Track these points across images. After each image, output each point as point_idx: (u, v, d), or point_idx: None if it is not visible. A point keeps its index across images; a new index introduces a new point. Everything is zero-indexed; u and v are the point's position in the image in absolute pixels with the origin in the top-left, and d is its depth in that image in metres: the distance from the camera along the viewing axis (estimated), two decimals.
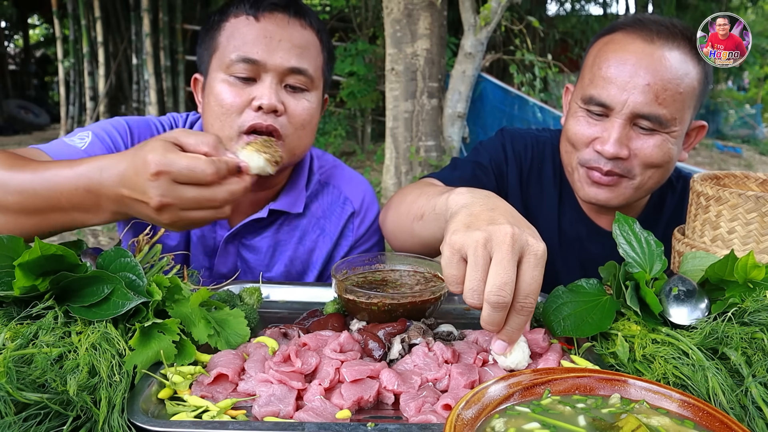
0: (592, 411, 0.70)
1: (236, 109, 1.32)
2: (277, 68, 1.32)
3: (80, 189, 1.02)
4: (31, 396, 0.73)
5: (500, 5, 5.55)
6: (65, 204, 1.03)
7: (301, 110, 1.36)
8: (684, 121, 1.36)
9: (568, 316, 1.00)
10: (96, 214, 1.05)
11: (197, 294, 0.96)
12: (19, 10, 14.72)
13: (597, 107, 1.36)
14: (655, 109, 1.30)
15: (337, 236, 1.58)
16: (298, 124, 1.36)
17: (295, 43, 1.34)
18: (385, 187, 6.31)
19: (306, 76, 1.36)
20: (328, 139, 8.34)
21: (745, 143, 12.89)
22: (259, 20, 1.33)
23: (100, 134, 1.41)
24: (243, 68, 1.32)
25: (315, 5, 10.61)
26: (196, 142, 1.02)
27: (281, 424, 0.75)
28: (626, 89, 1.31)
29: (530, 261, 0.86)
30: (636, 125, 1.34)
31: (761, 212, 1.11)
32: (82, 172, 1.02)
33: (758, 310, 0.91)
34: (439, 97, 6.09)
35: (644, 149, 1.34)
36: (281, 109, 1.32)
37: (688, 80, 1.32)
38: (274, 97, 1.31)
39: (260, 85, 1.32)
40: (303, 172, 1.56)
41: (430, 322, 1.07)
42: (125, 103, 11.02)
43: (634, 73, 1.31)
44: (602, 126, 1.36)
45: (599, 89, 1.35)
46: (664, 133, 1.34)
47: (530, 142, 1.63)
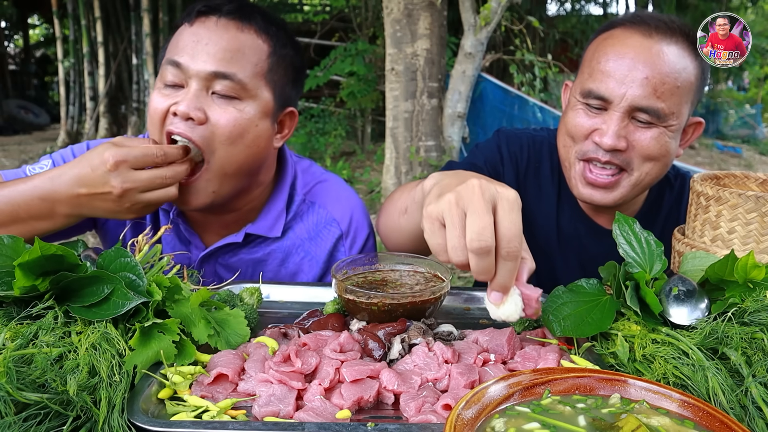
0: (592, 411, 0.70)
1: (160, 116, 1.25)
2: (199, 72, 1.23)
3: (35, 199, 1.17)
4: (31, 396, 0.73)
5: (500, 5, 5.55)
6: (23, 215, 1.18)
7: (227, 121, 1.24)
8: (681, 116, 1.36)
9: (568, 316, 1.00)
10: (51, 220, 1.20)
11: (197, 294, 0.96)
12: (19, 10, 14.72)
13: (596, 100, 1.36)
14: (653, 102, 1.31)
15: (326, 259, 1.51)
16: (224, 136, 1.25)
17: (223, 46, 1.25)
18: (385, 187, 6.31)
19: (235, 82, 1.25)
20: (328, 139, 8.34)
21: (745, 143, 12.89)
22: (192, 25, 1.28)
23: (58, 162, 1.45)
24: (170, 73, 1.26)
25: (315, 5, 10.61)
26: (139, 141, 1.22)
27: (281, 424, 0.75)
28: (624, 83, 1.32)
29: (504, 207, 0.86)
30: (634, 118, 1.34)
31: (761, 212, 1.11)
32: (36, 184, 1.18)
33: (758, 310, 0.91)
34: (439, 97, 6.09)
35: (642, 141, 1.35)
36: (199, 117, 1.23)
37: (686, 75, 1.33)
38: (191, 104, 1.22)
39: (184, 91, 1.25)
40: (282, 193, 1.47)
41: (430, 322, 1.07)
42: (125, 103, 11.03)
43: (633, 67, 1.32)
44: (601, 119, 1.37)
45: (598, 83, 1.36)
46: (661, 127, 1.34)
47: (526, 142, 1.64)
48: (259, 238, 1.46)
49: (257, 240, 1.46)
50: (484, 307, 1.27)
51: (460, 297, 1.29)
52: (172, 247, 1.46)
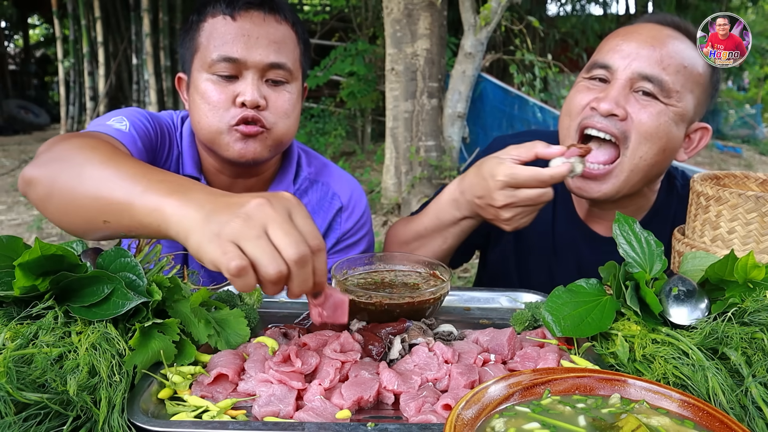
0: (592, 411, 0.70)
1: (222, 105, 1.38)
2: (257, 65, 1.38)
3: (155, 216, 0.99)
4: (31, 396, 0.73)
5: (500, 5, 5.55)
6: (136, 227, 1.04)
7: (283, 102, 1.43)
8: (685, 101, 1.34)
9: (568, 316, 1.00)
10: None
11: (197, 294, 0.96)
12: (19, 10, 14.72)
13: (600, 70, 1.37)
14: (658, 72, 1.30)
15: (325, 229, 1.61)
16: (282, 114, 1.43)
17: (272, 39, 1.40)
18: (385, 187, 6.30)
19: (285, 70, 1.42)
20: (328, 139, 8.33)
21: (745, 143, 12.88)
22: (236, 19, 1.38)
23: (135, 123, 1.42)
24: (225, 67, 1.37)
25: (315, 5, 10.61)
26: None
27: (281, 424, 0.75)
28: (631, 56, 1.33)
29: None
30: (637, 91, 1.33)
31: (761, 212, 1.11)
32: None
33: (758, 310, 0.91)
34: (439, 97, 6.09)
35: (641, 115, 1.31)
36: (263, 104, 1.39)
37: (695, 63, 1.34)
38: (256, 93, 1.37)
39: (242, 81, 1.38)
40: (290, 166, 1.61)
41: (430, 322, 1.07)
42: (125, 103, 11.02)
43: (641, 45, 1.33)
44: (602, 88, 1.36)
45: (603, 55, 1.37)
46: (663, 104, 1.32)
47: None
48: None
49: None
50: (484, 307, 1.27)
51: (460, 297, 1.29)
52: None
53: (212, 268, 0.83)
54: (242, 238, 0.82)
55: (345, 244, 1.64)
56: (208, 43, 1.39)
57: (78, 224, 1.09)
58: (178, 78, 1.53)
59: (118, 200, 0.98)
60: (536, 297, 1.26)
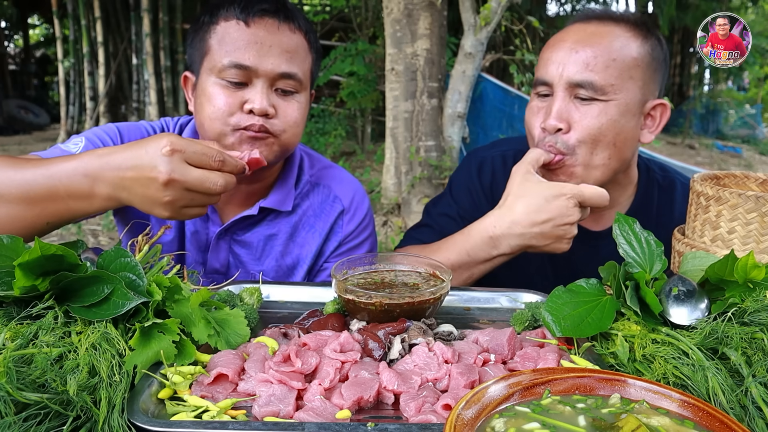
0: (592, 411, 0.70)
1: (229, 110, 1.36)
2: (268, 74, 1.36)
3: (78, 174, 1.13)
4: (31, 396, 0.73)
5: (500, 5, 5.55)
6: (62, 192, 1.14)
7: (292, 111, 1.42)
8: (626, 91, 1.37)
9: (568, 316, 1.00)
10: (89, 200, 1.16)
11: (197, 294, 0.96)
12: (19, 10, 14.71)
13: (542, 87, 1.43)
14: (587, 75, 1.35)
15: (327, 233, 1.61)
16: (290, 123, 1.42)
17: (284, 48, 1.38)
18: (385, 187, 6.30)
19: (295, 80, 1.40)
20: (328, 139, 8.33)
21: (745, 143, 12.88)
22: (250, 26, 1.36)
23: (92, 139, 1.47)
24: (235, 74, 1.35)
25: (315, 5, 10.61)
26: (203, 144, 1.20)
27: (281, 424, 0.75)
28: (562, 63, 1.39)
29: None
30: (577, 97, 1.38)
31: (761, 212, 1.11)
32: (83, 160, 1.15)
33: (758, 310, 0.91)
34: (439, 97, 6.09)
35: (584, 120, 1.37)
36: (272, 113, 1.37)
37: (626, 51, 1.37)
38: (265, 102, 1.35)
39: (252, 89, 1.37)
40: (292, 170, 1.60)
41: (430, 322, 1.07)
42: (125, 103, 11.03)
43: (570, 49, 1.39)
44: (547, 104, 1.42)
45: (541, 71, 1.43)
46: (602, 102, 1.36)
47: (497, 167, 1.67)
48: (271, 213, 1.57)
49: (270, 215, 1.57)
50: (484, 307, 1.27)
51: (460, 297, 1.29)
52: (193, 222, 1.54)
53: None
54: (184, 214, 1.17)
55: (347, 246, 1.63)
56: (220, 47, 1.36)
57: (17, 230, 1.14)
58: (184, 77, 1.52)
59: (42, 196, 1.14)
60: (536, 297, 1.27)
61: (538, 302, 1.17)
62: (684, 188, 1.61)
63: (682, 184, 1.62)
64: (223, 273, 1.54)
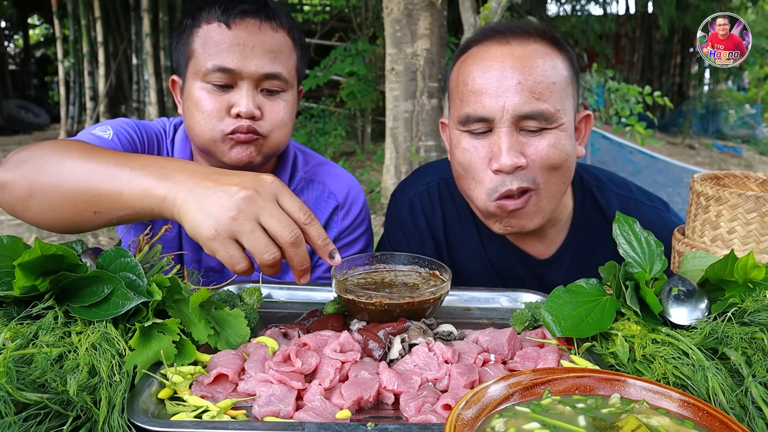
0: (592, 411, 0.70)
1: (216, 114, 1.36)
2: (252, 75, 1.35)
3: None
4: (31, 396, 0.73)
5: (500, 5, 5.55)
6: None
7: (278, 110, 1.41)
8: (568, 112, 1.27)
9: (568, 316, 1.00)
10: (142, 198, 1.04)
11: (197, 294, 0.95)
12: (19, 10, 14.72)
13: (477, 124, 1.26)
14: (535, 105, 1.22)
15: None
16: (278, 123, 1.41)
17: (267, 48, 1.37)
18: (385, 187, 6.31)
19: (280, 80, 1.39)
20: (328, 139, 8.33)
21: (745, 143, 12.89)
22: (231, 28, 1.35)
23: (118, 130, 1.46)
24: (219, 77, 1.35)
25: (315, 5, 10.61)
26: None
27: (281, 424, 0.75)
28: (499, 94, 1.23)
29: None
30: (523, 129, 1.25)
31: (761, 212, 1.11)
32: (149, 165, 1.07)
33: (758, 310, 0.91)
34: (439, 97, 6.09)
35: (540, 152, 1.24)
36: (258, 115, 1.37)
37: (558, 71, 1.26)
38: (251, 104, 1.35)
39: (237, 92, 1.36)
40: (285, 168, 1.60)
41: (430, 322, 1.07)
42: (125, 103, 11.03)
43: (502, 76, 1.23)
44: (489, 141, 1.26)
45: (473, 104, 1.26)
46: (554, 130, 1.25)
47: (426, 206, 1.55)
48: None
49: None
50: (484, 307, 1.27)
51: (460, 297, 1.29)
52: None
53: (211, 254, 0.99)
54: (238, 233, 0.96)
55: (343, 242, 1.63)
56: (203, 50, 1.36)
57: (65, 220, 1.10)
58: (172, 80, 1.52)
59: (107, 190, 1.05)
60: (536, 297, 1.27)
61: (538, 302, 1.17)
62: (620, 198, 1.49)
63: (617, 195, 1.50)
64: (219, 271, 1.54)
